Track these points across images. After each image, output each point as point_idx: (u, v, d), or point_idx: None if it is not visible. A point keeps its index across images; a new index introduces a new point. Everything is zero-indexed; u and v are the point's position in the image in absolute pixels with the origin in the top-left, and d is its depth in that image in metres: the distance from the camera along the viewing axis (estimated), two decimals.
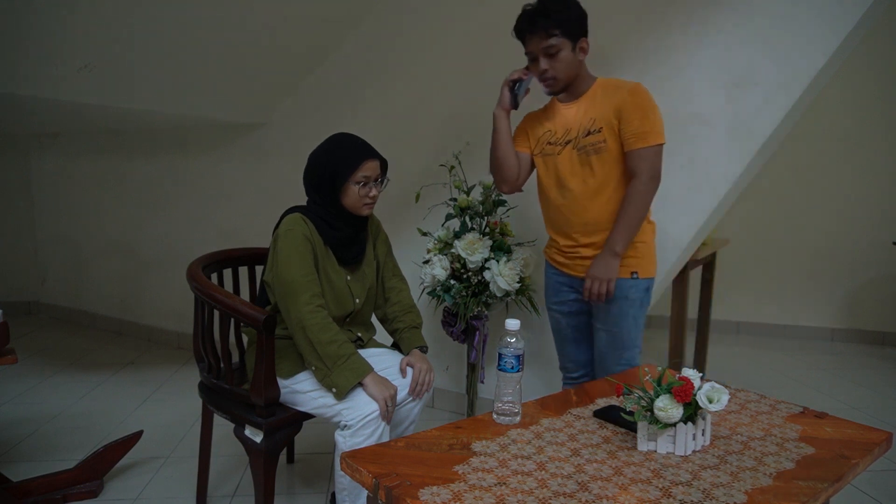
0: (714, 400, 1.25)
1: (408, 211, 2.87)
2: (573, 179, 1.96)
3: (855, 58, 3.75)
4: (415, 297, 2.18)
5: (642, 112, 1.86)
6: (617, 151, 1.91)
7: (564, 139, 1.98)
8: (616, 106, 1.88)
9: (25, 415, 2.93)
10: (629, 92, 1.87)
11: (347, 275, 1.93)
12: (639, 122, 1.85)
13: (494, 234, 2.44)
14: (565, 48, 1.88)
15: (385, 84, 3.10)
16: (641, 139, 1.86)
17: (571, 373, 2.19)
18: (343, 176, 1.82)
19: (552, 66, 1.90)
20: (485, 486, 1.11)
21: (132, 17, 2.35)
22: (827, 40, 2.21)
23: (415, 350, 1.97)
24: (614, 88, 1.91)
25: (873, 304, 4.51)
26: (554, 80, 1.92)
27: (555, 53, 1.88)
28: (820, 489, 1.15)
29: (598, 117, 1.91)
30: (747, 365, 3.98)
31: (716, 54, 2.36)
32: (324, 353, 1.73)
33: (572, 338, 2.14)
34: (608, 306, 1.98)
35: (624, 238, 1.90)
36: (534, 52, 1.92)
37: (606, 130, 1.89)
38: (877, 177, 4.41)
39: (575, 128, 1.95)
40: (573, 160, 1.96)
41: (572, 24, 1.88)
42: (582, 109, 1.95)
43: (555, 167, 2.00)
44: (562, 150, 1.98)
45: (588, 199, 1.95)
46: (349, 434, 1.71)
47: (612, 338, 2.00)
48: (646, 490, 1.13)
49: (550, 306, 2.17)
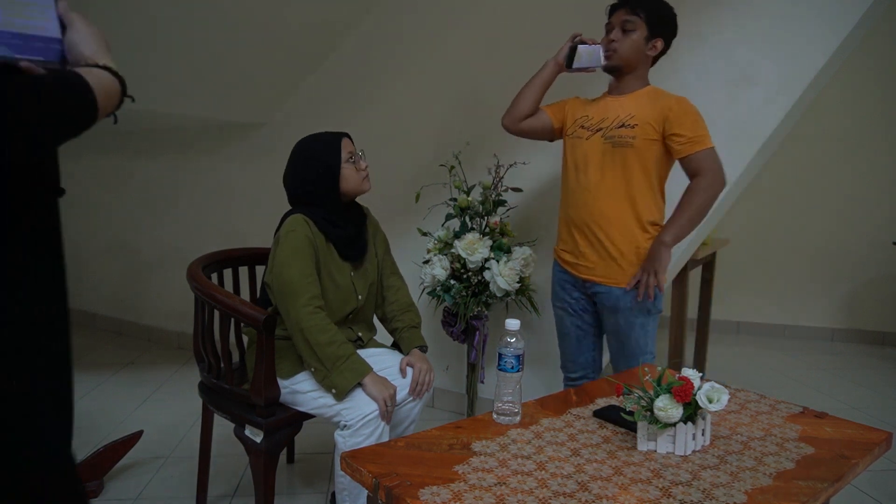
0: (714, 400, 1.25)
1: (408, 211, 2.87)
2: (593, 168, 1.97)
3: (855, 58, 3.75)
4: (415, 297, 2.18)
5: (692, 119, 1.89)
6: (643, 155, 1.91)
7: (597, 126, 1.99)
8: (661, 112, 1.89)
9: None
10: (677, 101, 1.91)
11: (351, 271, 1.94)
12: (691, 128, 1.88)
13: (494, 234, 2.44)
14: (640, 31, 1.93)
15: (385, 84, 3.11)
16: (698, 143, 1.88)
17: (571, 373, 2.19)
18: (335, 162, 1.87)
19: (620, 40, 1.94)
20: (485, 486, 1.11)
21: (133, 17, 2.35)
22: (827, 40, 2.21)
23: (414, 350, 1.97)
24: (662, 97, 1.94)
25: (873, 304, 4.51)
26: (614, 53, 1.95)
27: (629, 30, 1.93)
28: (820, 489, 1.15)
29: (637, 115, 1.92)
30: (747, 365, 3.98)
31: (716, 54, 2.36)
32: (322, 354, 1.73)
33: (574, 337, 2.14)
34: (614, 317, 1.99)
35: (677, 230, 1.90)
36: (613, 23, 1.96)
37: (640, 130, 1.91)
38: (877, 177, 4.41)
39: (611, 118, 1.97)
40: (598, 149, 1.96)
41: (660, 17, 1.94)
42: (625, 104, 1.96)
43: (581, 151, 2.01)
44: (591, 136, 1.99)
45: (601, 192, 1.96)
46: (349, 434, 1.71)
47: (622, 346, 2.01)
48: (646, 490, 1.13)
49: (555, 303, 2.17)
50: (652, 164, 1.93)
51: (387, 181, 3.06)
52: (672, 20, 1.97)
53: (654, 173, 1.94)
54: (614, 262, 1.96)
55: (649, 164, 1.93)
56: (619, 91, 2.01)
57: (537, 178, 2.66)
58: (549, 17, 2.66)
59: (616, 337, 2.02)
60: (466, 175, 2.54)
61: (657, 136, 1.91)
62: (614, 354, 2.06)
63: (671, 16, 1.97)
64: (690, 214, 1.89)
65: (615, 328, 2.01)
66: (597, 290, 2.01)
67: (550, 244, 2.72)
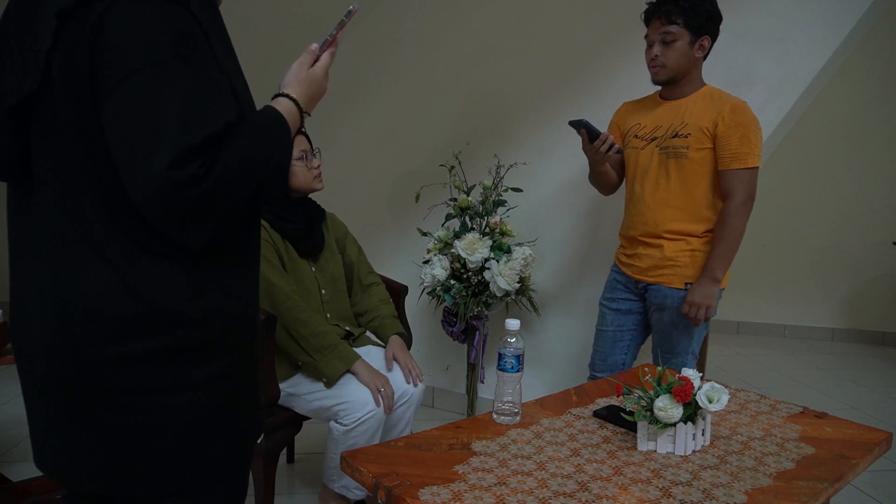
0: (714, 400, 1.25)
1: (408, 211, 2.87)
2: (648, 178, 1.95)
3: (855, 58, 3.75)
4: (414, 297, 2.18)
5: (742, 132, 1.83)
6: (698, 166, 1.88)
7: (651, 136, 1.96)
8: (714, 119, 1.84)
9: (25, 415, 2.93)
10: (731, 109, 1.84)
11: (311, 266, 1.96)
12: (738, 143, 1.82)
13: (494, 234, 2.44)
14: (682, 39, 1.85)
15: (385, 84, 3.10)
16: (739, 160, 1.83)
17: (598, 372, 2.16)
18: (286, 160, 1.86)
19: (664, 54, 1.87)
20: (485, 486, 1.11)
21: None
22: (827, 40, 2.21)
23: (394, 338, 2.00)
24: (718, 100, 1.88)
25: (874, 304, 4.51)
26: (661, 68, 1.89)
27: (670, 42, 1.85)
28: (820, 489, 1.15)
29: (691, 123, 1.88)
30: (747, 365, 3.98)
31: (716, 54, 2.36)
32: (308, 346, 1.77)
33: (611, 335, 2.12)
34: (662, 314, 1.98)
35: (722, 263, 1.87)
36: (652, 37, 1.89)
37: (693, 139, 1.86)
38: (877, 177, 4.41)
39: (665, 126, 1.93)
40: (654, 159, 1.94)
41: (699, 17, 1.85)
42: (679, 110, 1.92)
43: (636, 161, 1.99)
44: (646, 146, 1.97)
45: (656, 203, 1.94)
46: (344, 431, 1.75)
47: (663, 341, 2.01)
48: (646, 490, 1.13)
49: (602, 302, 2.17)
50: (710, 172, 1.89)
51: (387, 181, 3.07)
52: (712, 13, 1.87)
53: (712, 180, 1.90)
54: (669, 263, 1.95)
55: (707, 172, 1.89)
56: (674, 95, 1.95)
57: (537, 178, 2.66)
58: (549, 16, 2.66)
59: (661, 335, 2.02)
60: (466, 175, 2.54)
61: (710, 144, 1.86)
62: (655, 348, 2.05)
63: (711, 9, 1.87)
64: (729, 244, 1.87)
65: (661, 326, 2.00)
66: (649, 287, 2.00)
67: (551, 244, 2.72)
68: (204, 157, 0.81)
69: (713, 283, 1.88)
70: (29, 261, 0.92)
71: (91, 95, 0.83)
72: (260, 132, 0.93)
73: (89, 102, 0.83)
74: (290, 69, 1.06)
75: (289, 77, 1.05)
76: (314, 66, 1.07)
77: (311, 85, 1.06)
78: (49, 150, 0.88)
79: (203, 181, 0.81)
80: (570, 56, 2.61)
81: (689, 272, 1.93)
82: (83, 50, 0.82)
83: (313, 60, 1.07)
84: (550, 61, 2.68)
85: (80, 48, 0.82)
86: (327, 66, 1.09)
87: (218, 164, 0.83)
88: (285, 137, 1.00)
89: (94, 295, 0.87)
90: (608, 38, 2.49)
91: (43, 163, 0.89)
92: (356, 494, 1.89)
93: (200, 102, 0.82)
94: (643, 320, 2.10)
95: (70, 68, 0.83)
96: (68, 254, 0.87)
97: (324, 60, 1.08)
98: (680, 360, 1.97)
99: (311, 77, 1.06)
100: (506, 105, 2.82)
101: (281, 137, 0.99)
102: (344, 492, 1.88)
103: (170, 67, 0.81)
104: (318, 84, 1.08)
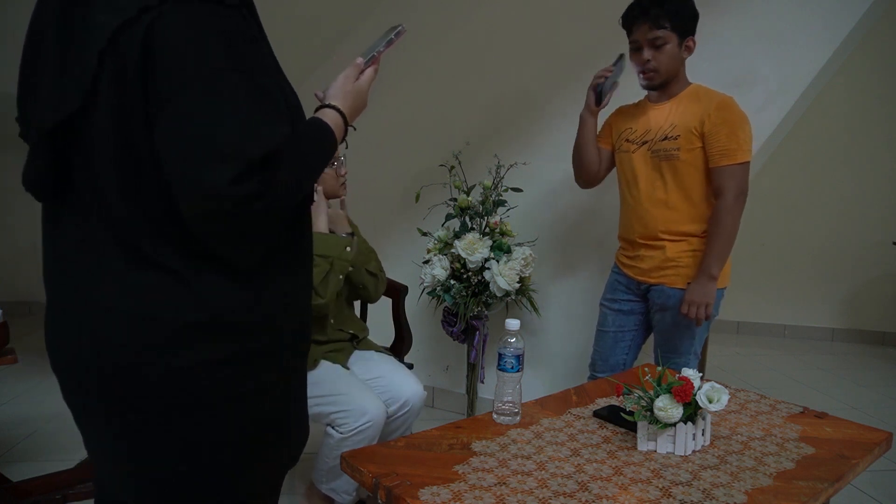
0: (714, 400, 1.25)
1: (408, 211, 2.87)
2: (642, 181, 1.96)
3: (855, 58, 3.75)
4: (414, 297, 2.18)
5: (730, 128, 1.83)
6: (690, 166, 1.88)
7: (642, 139, 1.96)
8: (701, 118, 1.85)
9: (25, 415, 2.93)
10: (717, 106, 1.84)
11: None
12: (726, 139, 1.82)
13: (494, 234, 2.44)
14: (672, 42, 1.86)
15: (385, 84, 3.09)
16: (728, 156, 1.83)
17: (598, 372, 2.16)
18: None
19: (655, 58, 1.87)
20: (485, 486, 1.11)
21: None
22: (827, 40, 2.21)
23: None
24: (705, 98, 1.88)
25: (874, 304, 4.51)
26: (655, 73, 1.89)
27: (661, 45, 1.85)
28: (820, 489, 1.15)
29: (679, 124, 1.88)
30: (747, 365, 3.98)
31: (716, 54, 2.36)
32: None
33: (612, 335, 2.12)
34: (664, 314, 1.98)
35: (718, 260, 1.88)
36: (639, 41, 1.89)
37: (683, 140, 1.87)
38: (877, 177, 4.41)
39: (655, 129, 1.94)
40: (646, 162, 1.95)
41: (684, 19, 1.86)
42: (668, 112, 1.93)
43: (629, 165, 2.00)
44: (637, 150, 1.97)
45: (652, 206, 1.95)
46: (340, 438, 1.76)
47: (665, 342, 2.02)
48: (646, 490, 1.13)
49: (603, 302, 2.17)
50: (703, 171, 1.89)
51: (387, 181, 3.07)
52: (694, 13, 1.89)
53: (707, 179, 1.90)
54: (671, 263, 1.95)
55: (701, 172, 1.89)
56: (662, 97, 1.96)
57: (537, 178, 2.66)
58: (549, 16, 2.66)
59: (663, 336, 2.02)
60: (466, 175, 2.54)
61: (700, 144, 1.87)
62: (657, 348, 2.05)
63: (692, 9, 1.89)
64: (724, 241, 1.87)
65: (664, 326, 2.00)
66: (651, 288, 2.01)
67: (551, 244, 2.72)
68: (263, 172, 0.79)
69: (710, 280, 1.88)
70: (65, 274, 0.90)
71: (143, 106, 0.80)
72: (313, 146, 0.93)
73: (140, 115, 0.81)
74: (336, 81, 1.06)
75: (335, 89, 1.05)
76: (359, 80, 1.08)
77: (355, 98, 1.07)
78: (87, 164, 0.86)
79: (262, 197, 0.79)
80: (570, 56, 2.61)
81: (691, 272, 1.93)
82: (134, 63, 0.79)
83: (358, 74, 1.08)
84: (550, 61, 2.68)
85: (130, 61, 0.79)
86: (371, 81, 1.10)
87: (276, 179, 0.81)
88: (333, 150, 1.00)
89: (156, 304, 0.85)
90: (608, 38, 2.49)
91: (83, 177, 0.87)
92: (344, 499, 1.88)
93: (258, 115, 0.81)
94: (644, 321, 2.10)
95: (119, 83, 0.80)
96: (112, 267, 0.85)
97: (368, 75, 1.09)
98: (682, 361, 1.98)
99: (357, 90, 1.07)
100: (506, 105, 2.82)
101: (330, 151, 0.99)
102: (332, 494, 1.88)
103: (225, 76, 0.79)
104: (362, 98, 1.09)
